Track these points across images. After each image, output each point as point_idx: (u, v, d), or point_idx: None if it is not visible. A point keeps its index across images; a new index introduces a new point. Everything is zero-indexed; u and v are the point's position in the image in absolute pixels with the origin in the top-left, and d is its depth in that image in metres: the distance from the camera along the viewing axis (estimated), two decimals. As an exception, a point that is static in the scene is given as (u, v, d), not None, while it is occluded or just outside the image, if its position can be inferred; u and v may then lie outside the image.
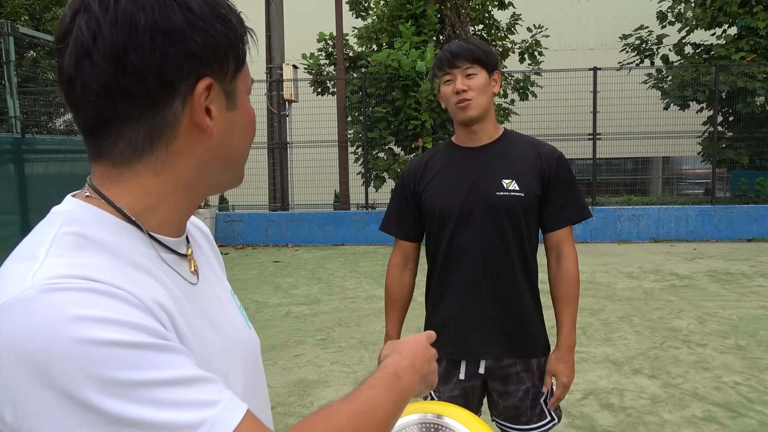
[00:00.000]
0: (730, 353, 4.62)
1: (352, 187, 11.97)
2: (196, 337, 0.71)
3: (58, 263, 0.61)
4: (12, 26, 6.64)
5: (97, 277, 0.60)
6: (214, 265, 0.90)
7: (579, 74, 11.42)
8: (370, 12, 13.42)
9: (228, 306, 0.86)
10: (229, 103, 0.74)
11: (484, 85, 1.86)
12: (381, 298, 6.71)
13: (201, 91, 0.69)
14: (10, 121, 6.71)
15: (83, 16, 0.66)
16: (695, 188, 15.34)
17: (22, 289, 0.57)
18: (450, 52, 1.87)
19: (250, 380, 0.83)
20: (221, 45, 0.70)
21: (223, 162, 0.76)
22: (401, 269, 2.06)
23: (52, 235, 0.66)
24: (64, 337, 0.55)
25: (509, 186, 1.86)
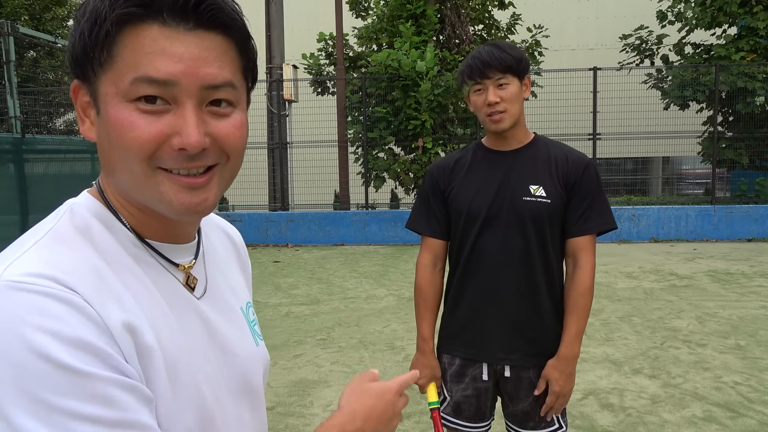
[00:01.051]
0: (730, 353, 4.62)
1: (352, 187, 11.97)
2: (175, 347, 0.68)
3: (38, 258, 0.61)
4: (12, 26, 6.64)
5: (68, 282, 0.60)
6: (232, 277, 0.87)
7: (579, 74, 11.42)
8: (370, 12, 13.42)
9: (235, 321, 0.82)
10: (97, 108, 0.67)
11: (517, 94, 1.84)
12: (381, 298, 6.71)
13: (73, 94, 0.69)
14: (10, 121, 6.71)
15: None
16: (695, 188, 15.34)
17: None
18: (481, 62, 1.81)
19: (242, 398, 0.81)
20: (76, 47, 0.66)
21: (108, 172, 0.70)
22: (431, 269, 2.02)
23: (50, 226, 0.67)
24: (12, 343, 0.54)
25: (536, 192, 1.86)
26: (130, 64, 0.63)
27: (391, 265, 8.84)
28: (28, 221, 6.81)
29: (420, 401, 3.75)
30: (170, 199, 0.67)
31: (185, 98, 0.65)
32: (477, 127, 11.31)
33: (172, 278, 0.74)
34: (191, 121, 0.64)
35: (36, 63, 13.47)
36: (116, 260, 0.67)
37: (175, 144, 0.65)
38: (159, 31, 0.63)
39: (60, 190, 7.45)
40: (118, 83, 0.64)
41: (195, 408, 0.70)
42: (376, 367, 4.47)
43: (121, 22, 0.62)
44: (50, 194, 7.23)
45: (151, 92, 0.63)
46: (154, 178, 0.66)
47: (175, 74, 0.63)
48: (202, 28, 0.65)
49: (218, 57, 0.66)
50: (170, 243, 0.74)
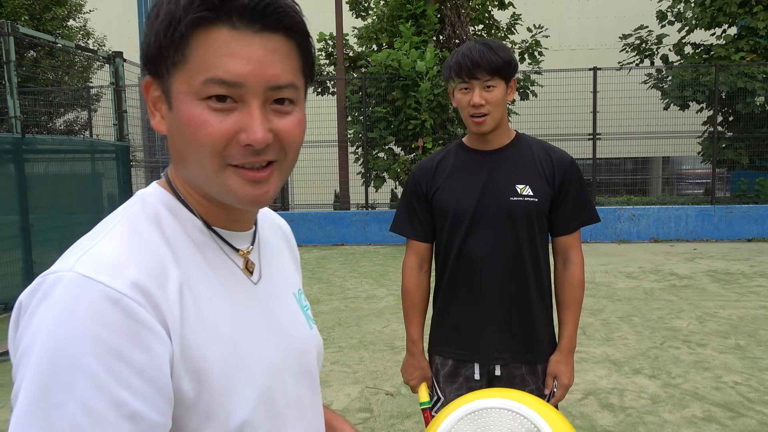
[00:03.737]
0: (730, 353, 4.62)
1: (352, 187, 11.97)
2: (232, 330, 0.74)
3: (108, 249, 0.67)
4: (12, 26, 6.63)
5: (135, 277, 0.65)
6: (284, 264, 0.93)
7: (579, 74, 11.42)
8: (370, 12, 13.42)
9: (289, 305, 0.88)
10: (168, 104, 0.72)
11: (502, 98, 1.81)
12: (381, 298, 6.71)
13: (144, 90, 0.74)
14: (10, 121, 6.70)
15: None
16: (695, 188, 15.33)
17: (65, 268, 0.64)
18: (471, 61, 1.77)
19: (301, 378, 0.86)
20: (151, 46, 0.70)
21: (179, 164, 0.76)
22: (418, 272, 2.02)
23: (122, 215, 0.74)
24: (66, 340, 0.60)
25: (523, 191, 1.85)
26: (202, 64, 0.68)
27: (391, 265, 8.84)
28: (28, 221, 6.80)
29: (420, 401, 3.76)
30: (236, 191, 0.72)
31: (251, 97, 0.69)
32: (477, 127, 11.30)
33: (232, 264, 0.79)
34: (257, 118, 0.69)
35: (36, 63, 13.47)
36: (181, 247, 0.73)
37: (242, 140, 0.70)
38: (228, 34, 0.68)
39: (60, 190, 7.45)
40: (190, 82, 0.69)
41: (255, 386, 0.74)
42: (375, 367, 4.48)
43: (194, 25, 0.67)
44: (50, 194, 7.22)
45: (222, 92, 0.68)
46: (223, 172, 0.71)
47: (244, 76, 0.68)
48: (268, 31, 0.69)
49: (282, 58, 0.70)
50: (231, 230, 0.80)
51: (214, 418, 0.70)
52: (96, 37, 15.78)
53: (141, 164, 11.64)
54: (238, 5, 0.67)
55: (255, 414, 0.74)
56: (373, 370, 4.43)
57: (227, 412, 0.71)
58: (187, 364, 0.68)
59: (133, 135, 9.95)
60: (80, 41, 14.87)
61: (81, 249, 0.67)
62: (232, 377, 0.72)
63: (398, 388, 4.02)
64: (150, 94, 0.74)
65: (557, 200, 1.89)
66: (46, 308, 0.62)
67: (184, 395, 0.67)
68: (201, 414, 0.69)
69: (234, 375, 0.72)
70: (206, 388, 0.69)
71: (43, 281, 0.64)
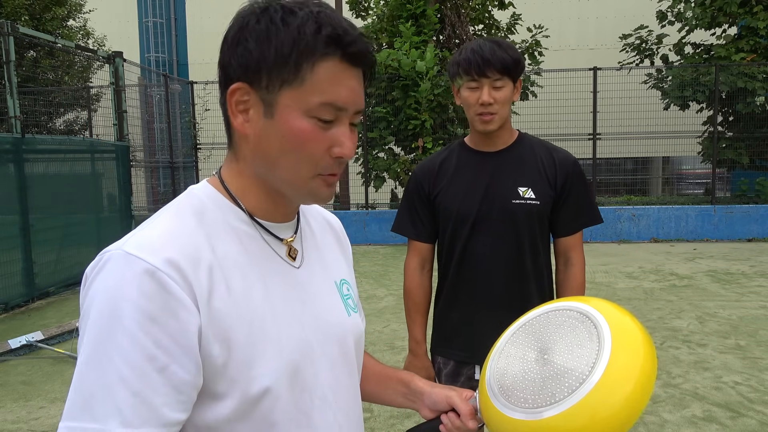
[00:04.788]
0: (730, 353, 4.62)
1: (352, 187, 11.97)
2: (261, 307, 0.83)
3: (153, 233, 0.79)
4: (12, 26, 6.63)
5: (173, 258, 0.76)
6: (327, 255, 1.02)
7: (579, 74, 11.42)
8: (370, 12, 13.42)
9: (327, 291, 0.96)
10: (267, 112, 0.82)
11: (509, 97, 1.81)
12: (381, 298, 6.71)
13: (230, 92, 0.83)
14: (10, 121, 6.70)
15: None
16: (695, 188, 15.33)
17: (116, 247, 0.77)
18: (482, 58, 1.75)
19: (337, 361, 0.93)
20: (262, 59, 0.80)
21: (266, 165, 0.85)
22: (420, 272, 2.02)
23: (172, 205, 0.86)
24: (113, 306, 0.73)
25: (525, 194, 1.84)
26: (318, 89, 0.80)
27: (391, 265, 8.84)
28: (28, 221, 6.80)
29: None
30: (319, 193, 0.86)
31: (346, 118, 0.84)
32: (477, 127, 11.30)
33: (270, 251, 0.89)
34: (351, 137, 0.84)
35: (36, 63, 13.47)
36: (220, 234, 0.83)
37: (335, 153, 0.83)
38: (338, 66, 0.81)
39: (60, 190, 7.45)
40: (304, 101, 0.80)
41: (281, 359, 0.83)
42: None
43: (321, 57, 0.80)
44: (50, 194, 7.21)
45: (332, 116, 0.82)
46: (314, 180, 0.84)
47: (347, 102, 0.83)
48: (358, 66, 0.84)
49: (362, 89, 0.86)
50: (276, 222, 0.91)
51: (238, 381, 0.79)
52: (96, 37, 15.78)
53: (141, 164, 11.63)
54: (355, 50, 0.81)
55: (278, 384, 0.82)
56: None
57: (251, 378, 0.80)
58: (215, 331, 0.77)
59: (133, 135, 9.94)
60: (80, 41, 14.87)
61: (133, 233, 0.81)
62: (257, 347, 0.80)
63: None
64: (236, 97, 0.83)
65: (559, 202, 1.88)
66: (100, 279, 0.75)
67: (214, 359, 0.77)
68: (228, 377, 0.79)
69: (259, 346, 0.81)
70: (233, 355, 0.78)
71: (101, 257, 0.77)
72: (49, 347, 5.04)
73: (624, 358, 0.85)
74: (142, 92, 12.45)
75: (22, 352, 5.00)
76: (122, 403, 0.71)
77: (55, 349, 5.00)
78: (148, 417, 0.72)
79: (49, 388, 4.26)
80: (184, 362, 0.75)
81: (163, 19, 21.97)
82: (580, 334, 0.90)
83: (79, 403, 0.72)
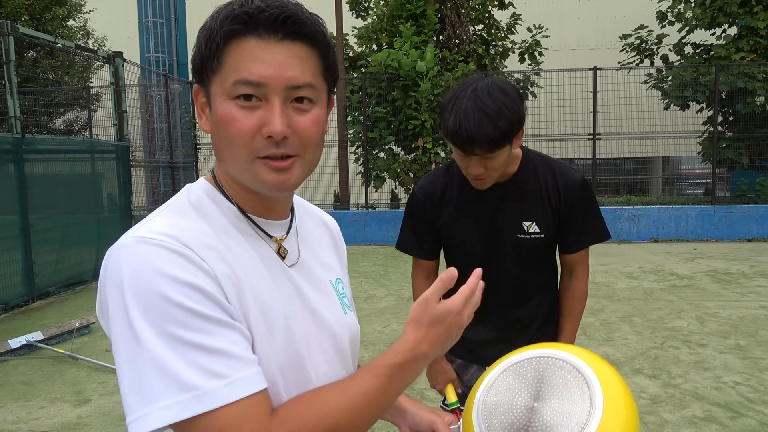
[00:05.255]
0: (730, 353, 4.62)
1: (352, 187, 11.97)
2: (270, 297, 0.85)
3: (161, 223, 0.81)
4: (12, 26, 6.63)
5: (182, 239, 0.78)
6: (323, 255, 1.02)
7: (579, 74, 11.42)
8: (370, 12, 13.42)
9: (323, 289, 0.97)
10: (209, 106, 0.85)
11: (504, 160, 1.69)
12: (381, 298, 6.71)
13: (194, 96, 0.88)
14: (10, 121, 6.70)
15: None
16: (695, 188, 15.33)
17: (126, 238, 0.78)
18: (468, 136, 1.60)
19: (333, 357, 0.94)
20: (195, 57, 0.84)
21: (220, 158, 0.88)
22: (426, 282, 2.04)
23: (171, 201, 0.88)
24: (144, 282, 0.74)
25: (530, 228, 1.83)
26: (233, 69, 0.80)
27: (391, 265, 8.84)
28: (28, 221, 6.79)
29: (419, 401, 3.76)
30: (263, 178, 0.83)
31: (273, 96, 0.80)
32: (477, 127, 11.30)
33: (266, 246, 0.90)
34: (277, 113, 0.80)
35: (36, 63, 13.46)
36: (221, 228, 0.85)
37: (264, 132, 0.80)
38: (255, 43, 0.79)
39: (60, 190, 7.45)
40: (223, 84, 0.81)
41: (287, 350, 0.84)
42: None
43: (227, 37, 0.80)
44: (50, 194, 7.21)
45: (247, 92, 0.79)
46: (254, 163, 0.82)
47: (265, 77, 0.79)
48: (289, 39, 0.81)
49: (301, 62, 0.81)
50: (266, 219, 0.91)
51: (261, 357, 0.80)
52: (96, 37, 15.78)
53: (141, 164, 11.62)
54: (263, 18, 0.79)
55: (285, 375, 0.83)
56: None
57: (269, 354, 0.81)
58: (239, 307, 0.80)
59: (133, 135, 9.94)
60: (80, 41, 14.86)
61: (137, 226, 0.82)
62: (270, 335, 0.82)
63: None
64: (198, 100, 0.87)
65: (564, 224, 1.87)
66: (121, 267, 0.75)
67: (250, 324, 0.80)
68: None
69: (269, 337, 0.82)
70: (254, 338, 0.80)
71: (112, 251, 0.78)
72: (49, 347, 5.04)
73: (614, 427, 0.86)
74: (142, 92, 12.43)
75: (22, 352, 5.00)
76: (207, 363, 0.72)
77: (55, 349, 5.00)
78: (236, 365, 0.73)
79: (49, 388, 4.26)
80: (232, 311, 0.77)
81: (163, 19, 21.98)
82: (572, 390, 0.91)
83: (163, 383, 0.71)
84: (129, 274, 0.74)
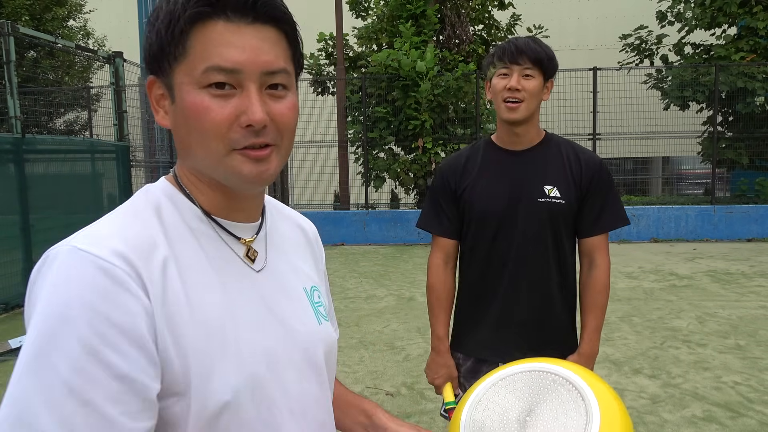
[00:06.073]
0: (730, 353, 4.62)
1: (352, 187, 11.97)
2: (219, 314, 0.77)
3: (108, 228, 0.74)
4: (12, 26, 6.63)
5: (124, 253, 0.70)
6: (297, 260, 0.95)
7: (579, 74, 11.42)
8: (370, 12, 13.42)
9: (296, 297, 0.90)
10: (171, 97, 0.77)
11: (538, 90, 1.83)
12: (381, 298, 6.71)
13: (147, 88, 0.79)
14: (10, 121, 6.70)
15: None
16: (695, 188, 15.34)
17: (63, 244, 0.71)
18: (516, 47, 1.81)
19: (306, 372, 0.87)
20: (153, 46, 0.76)
21: (186, 154, 0.80)
22: (444, 268, 2.00)
23: (127, 204, 0.81)
24: (57, 308, 0.65)
25: (550, 192, 1.84)
26: (202, 55, 0.73)
27: (391, 265, 8.84)
28: (28, 221, 6.80)
29: (419, 401, 3.75)
30: (240, 170, 0.76)
31: (249, 82, 0.74)
32: (477, 127, 11.31)
33: (229, 251, 0.82)
34: (255, 101, 0.74)
35: (36, 63, 13.47)
36: (176, 232, 0.78)
37: (243, 121, 0.74)
38: (224, 26, 0.73)
39: (60, 190, 7.45)
40: (191, 73, 0.74)
41: (242, 370, 0.76)
42: (375, 367, 4.48)
43: (192, 20, 0.73)
44: (50, 194, 7.21)
45: (221, 79, 0.73)
46: (229, 156, 0.76)
47: (240, 62, 0.73)
48: (260, 22, 0.75)
49: (273, 46, 0.76)
50: (234, 221, 0.84)
51: (194, 395, 0.72)
52: (96, 37, 15.79)
53: (141, 164, 11.63)
54: (235, 2, 0.73)
55: (240, 398, 0.76)
56: (373, 370, 4.43)
57: (209, 391, 0.73)
58: (172, 337, 0.71)
59: (133, 135, 9.95)
60: (80, 41, 14.87)
61: (82, 230, 0.74)
62: (215, 358, 0.74)
63: (398, 389, 4.03)
64: (153, 92, 0.79)
65: (584, 202, 1.87)
66: (45, 279, 0.68)
67: (172, 367, 0.71)
68: (184, 389, 0.72)
69: (217, 356, 0.74)
70: (190, 364, 0.72)
71: (47, 256, 0.71)
72: (50, 347, 5.04)
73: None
74: (142, 92, 12.44)
75: (23, 352, 5.01)
76: (71, 415, 0.63)
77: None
78: (102, 428, 0.64)
79: (50, 388, 4.26)
80: (144, 366, 0.68)
81: (163, 19, 21.96)
82: (567, 404, 0.87)
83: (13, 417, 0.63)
84: (47, 294, 0.66)
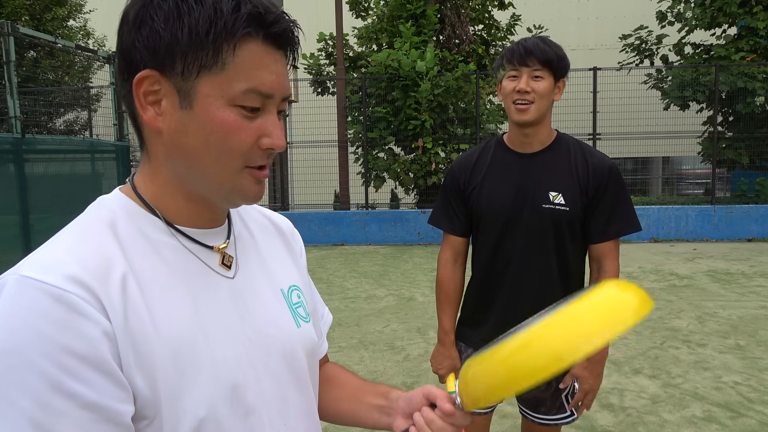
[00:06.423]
0: (730, 353, 4.62)
1: (352, 187, 11.96)
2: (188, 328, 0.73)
3: (59, 250, 0.69)
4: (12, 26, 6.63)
5: (78, 276, 0.65)
6: (271, 260, 0.91)
7: (579, 74, 11.42)
8: (370, 12, 13.42)
9: (270, 301, 0.86)
10: (184, 102, 0.72)
11: (548, 91, 1.83)
12: (381, 298, 6.71)
13: (137, 81, 0.72)
14: (10, 121, 6.70)
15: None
16: (695, 188, 15.33)
17: (10, 272, 0.66)
18: (524, 48, 1.81)
19: (284, 377, 0.84)
20: (167, 39, 0.70)
21: (185, 162, 0.75)
22: (452, 265, 2.04)
23: (78, 219, 0.77)
24: (11, 337, 0.62)
25: (555, 199, 1.84)
26: (244, 75, 0.71)
27: (391, 265, 8.84)
28: (28, 221, 6.79)
29: (420, 401, 3.76)
30: (247, 190, 0.76)
31: (273, 107, 0.75)
32: (477, 127, 11.31)
33: (197, 262, 0.78)
34: (279, 126, 0.76)
35: (36, 63, 13.47)
36: (134, 247, 0.73)
37: (264, 144, 0.75)
38: (261, 49, 0.72)
39: (60, 190, 7.44)
40: (226, 89, 0.71)
41: (217, 383, 0.74)
42: (375, 367, 4.48)
43: (242, 37, 0.70)
44: (50, 194, 7.21)
45: (257, 104, 0.73)
46: (240, 173, 0.75)
47: (274, 88, 0.74)
48: (282, 50, 0.75)
49: (287, 73, 0.77)
50: (202, 228, 0.81)
51: (165, 416, 0.69)
52: (96, 37, 15.78)
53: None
54: (278, 30, 0.72)
55: (217, 411, 0.73)
56: (373, 370, 4.43)
57: (181, 411, 0.70)
58: (137, 359, 0.67)
59: (133, 135, 9.88)
60: (80, 41, 14.87)
61: (32, 254, 0.70)
62: (187, 376, 0.71)
63: (398, 388, 4.03)
64: (144, 86, 0.72)
65: (591, 207, 1.86)
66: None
67: (139, 390, 0.68)
68: (155, 412, 0.69)
69: (189, 374, 0.71)
70: (159, 386, 0.69)
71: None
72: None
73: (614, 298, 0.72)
74: (142, 92, 12.44)
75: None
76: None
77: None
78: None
79: (50, 388, 4.26)
80: (112, 391, 0.65)
81: (163, 19, 21.96)
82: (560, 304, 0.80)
83: None
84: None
